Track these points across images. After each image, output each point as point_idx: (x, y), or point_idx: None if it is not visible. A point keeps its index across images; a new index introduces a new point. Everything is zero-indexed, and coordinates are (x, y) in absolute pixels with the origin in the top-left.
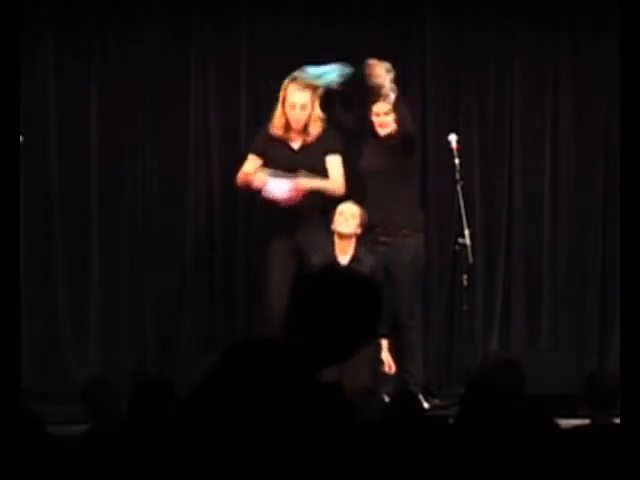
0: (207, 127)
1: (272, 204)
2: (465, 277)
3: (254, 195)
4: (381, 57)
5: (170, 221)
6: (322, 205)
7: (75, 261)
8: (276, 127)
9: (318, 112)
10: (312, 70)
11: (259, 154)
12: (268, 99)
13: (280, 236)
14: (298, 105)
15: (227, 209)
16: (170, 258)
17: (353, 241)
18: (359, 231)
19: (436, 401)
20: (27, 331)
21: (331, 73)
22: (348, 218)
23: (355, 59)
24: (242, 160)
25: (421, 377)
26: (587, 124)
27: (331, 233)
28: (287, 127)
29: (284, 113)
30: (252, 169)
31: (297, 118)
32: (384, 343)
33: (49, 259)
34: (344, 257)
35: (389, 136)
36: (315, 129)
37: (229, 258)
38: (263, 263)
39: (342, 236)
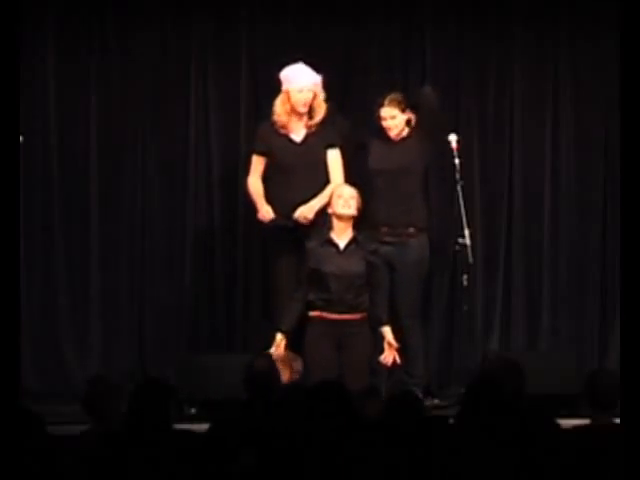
0: (207, 127)
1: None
2: (465, 277)
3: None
4: (381, 57)
5: (170, 221)
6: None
7: (75, 261)
8: (279, 114)
9: (322, 97)
10: None
11: (263, 153)
12: (268, 99)
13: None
14: (305, 88)
15: (227, 209)
16: (170, 258)
17: (351, 224)
18: (356, 213)
19: (436, 401)
20: (27, 331)
21: None
22: (348, 200)
23: (356, 59)
24: (242, 160)
25: (421, 377)
26: (587, 124)
27: (328, 216)
28: (291, 113)
29: (288, 99)
30: (259, 175)
31: (305, 100)
32: (387, 330)
33: (49, 259)
34: (342, 240)
35: (401, 138)
36: (320, 114)
37: (229, 258)
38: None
39: (342, 218)
